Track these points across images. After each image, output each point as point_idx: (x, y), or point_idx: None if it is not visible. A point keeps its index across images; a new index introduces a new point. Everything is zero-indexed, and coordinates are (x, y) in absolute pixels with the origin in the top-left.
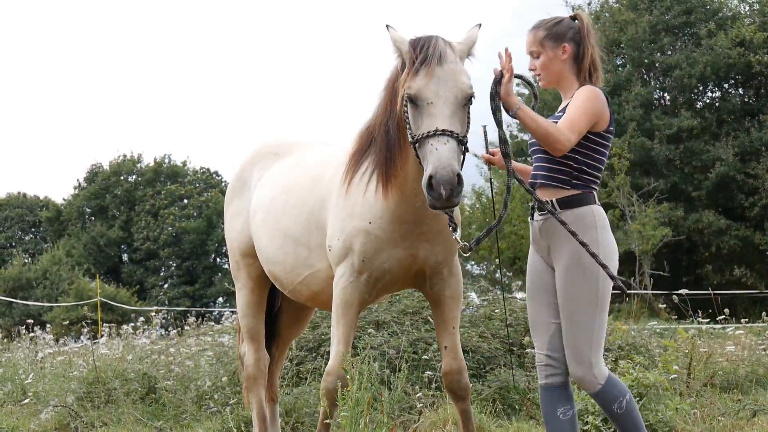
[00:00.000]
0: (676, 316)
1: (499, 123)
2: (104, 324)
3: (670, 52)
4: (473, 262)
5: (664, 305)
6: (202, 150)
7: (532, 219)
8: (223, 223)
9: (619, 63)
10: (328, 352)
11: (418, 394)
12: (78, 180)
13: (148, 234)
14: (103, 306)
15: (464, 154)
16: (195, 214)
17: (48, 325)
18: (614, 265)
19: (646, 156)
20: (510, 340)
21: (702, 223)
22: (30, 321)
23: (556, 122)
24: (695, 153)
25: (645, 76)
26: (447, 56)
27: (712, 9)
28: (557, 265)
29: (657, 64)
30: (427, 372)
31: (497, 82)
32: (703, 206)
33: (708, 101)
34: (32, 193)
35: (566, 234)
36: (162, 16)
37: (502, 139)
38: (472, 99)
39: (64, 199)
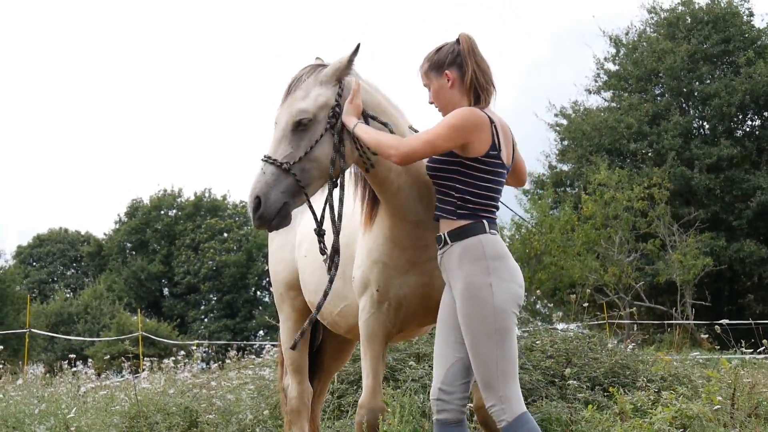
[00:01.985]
0: (718, 347)
1: (335, 146)
2: (145, 358)
3: (708, 81)
4: None
5: (707, 335)
6: (241, 183)
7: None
8: (263, 256)
9: (657, 92)
10: None
11: None
12: (119, 215)
13: (188, 268)
14: (144, 340)
15: (295, 175)
16: (235, 247)
17: (90, 360)
18: (510, 295)
19: (686, 185)
20: (551, 372)
21: (743, 252)
22: (72, 356)
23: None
24: (735, 182)
25: (684, 105)
26: (301, 85)
27: (751, 37)
28: (456, 299)
29: (696, 93)
30: (469, 404)
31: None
32: (744, 235)
33: (747, 129)
34: (73, 228)
35: (457, 267)
36: (205, 52)
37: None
38: (303, 122)
39: (105, 234)
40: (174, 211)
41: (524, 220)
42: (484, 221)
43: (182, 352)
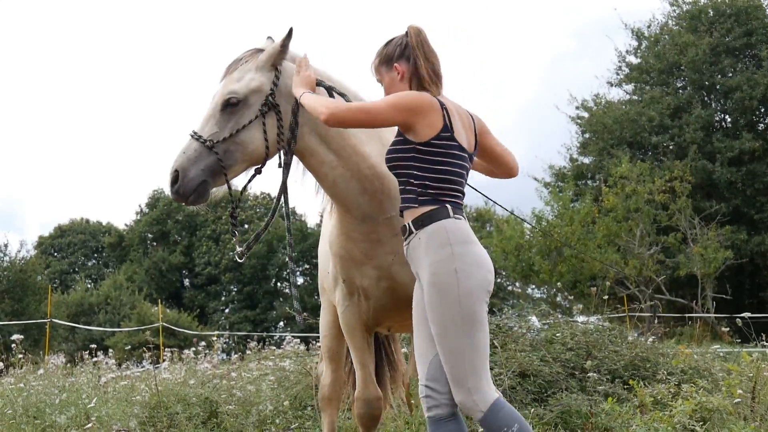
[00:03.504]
0: (739, 340)
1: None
2: (166, 349)
3: (730, 74)
4: (534, 286)
5: (727, 328)
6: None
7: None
8: (283, 248)
9: (679, 85)
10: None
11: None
12: (140, 206)
13: (209, 259)
14: (164, 331)
15: (218, 154)
16: None
17: (110, 350)
18: (478, 281)
19: (707, 179)
20: (572, 364)
21: (765, 245)
22: (93, 346)
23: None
24: (757, 175)
25: (705, 98)
26: (240, 66)
27: None
28: (423, 289)
29: (717, 87)
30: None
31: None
32: (765, 228)
33: None
34: (95, 219)
35: (422, 257)
36: (222, 46)
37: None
38: (232, 102)
39: (126, 225)
40: None
41: (507, 210)
42: (448, 206)
43: (203, 343)
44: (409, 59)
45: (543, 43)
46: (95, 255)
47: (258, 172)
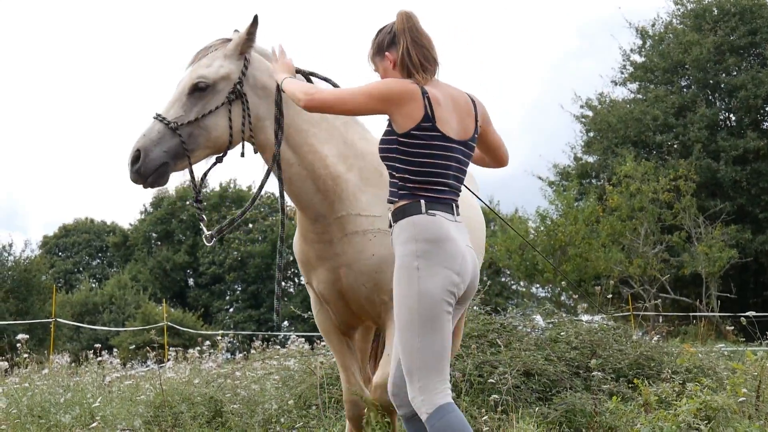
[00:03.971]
0: (743, 339)
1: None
2: (170, 348)
3: (735, 73)
4: (538, 285)
5: (732, 327)
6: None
7: None
8: (288, 247)
9: (683, 84)
10: None
11: (484, 418)
12: (144, 205)
13: (213, 258)
14: (169, 330)
15: (182, 137)
16: (260, 238)
17: (115, 350)
18: (440, 282)
19: (712, 178)
20: (576, 363)
21: None
22: (97, 345)
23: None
24: (762, 174)
25: (710, 97)
26: (209, 53)
27: None
28: None
29: (722, 85)
30: (493, 396)
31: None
32: None
33: None
34: (99, 218)
35: (395, 250)
36: None
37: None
38: (200, 87)
39: (130, 224)
40: None
41: (493, 211)
42: (422, 201)
43: (207, 342)
44: (398, 45)
45: (547, 42)
46: (100, 254)
47: (219, 160)
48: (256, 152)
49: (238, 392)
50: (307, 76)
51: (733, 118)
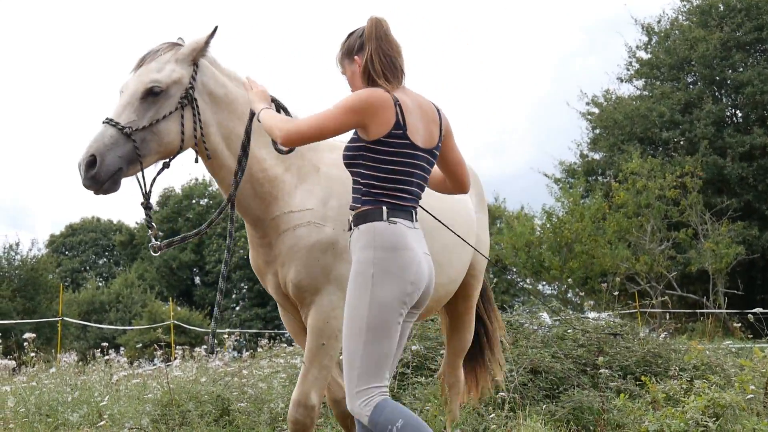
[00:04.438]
0: (751, 335)
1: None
2: (177, 346)
3: (741, 69)
4: (545, 282)
5: (739, 324)
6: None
7: None
8: None
9: (690, 81)
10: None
11: (491, 416)
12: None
13: (219, 257)
14: (176, 328)
15: (135, 142)
16: None
17: (122, 348)
18: (393, 291)
19: (718, 174)
20: (583, 361)
21: None
22: (104, 344)
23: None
24: None
25: (716, 93)
26: (157, 58)
27: None
28: None
29: (728, 81)
30: (501, 393)
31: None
32: None
33: None
34: (105, 217)
35: (352, 254)
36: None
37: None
38: (154, 91)
39: (136, 223)
40: (205, 200)
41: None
42: (384, 207)
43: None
44: (364, 51)
45: (553, 40)
46: (106, 253)
47: (166, 165)
48: (197, 161)
49: (245, 390)
50: (277, 105)
51: (740, 115)
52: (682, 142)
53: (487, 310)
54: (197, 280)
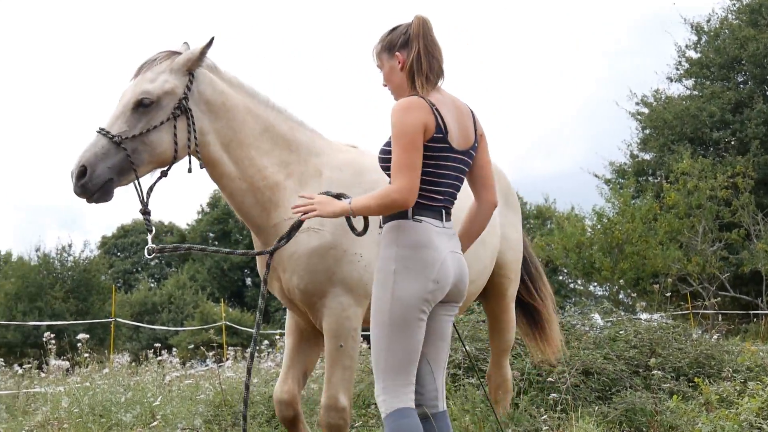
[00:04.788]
0: None
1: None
2: (229, 347)
3: None
4: (595, 283)
5: None
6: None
7: None
8: None
9: (740, 80)
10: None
11: (543, 417)
12: (201, 205)
13: None
14: (227, 329)
15: (127, 151)
16: None
17: (174, 349)
18: (414, 289)
19: None
20: (635, 362)
21: None
22: (157, 345)
23: (386, 165)
24: None
25: (767, 92)
26: (153, 67)
27: None
28: None
29: None
30: (553, 394)
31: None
32: None
33: None
34: (157, 218)
35: (380, 251)
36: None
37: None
38: (145, 103)
39: (187, 224)
40: None
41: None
42: (410, 208)
43: (266, 342)
44: (410, 49)
45: (600, 39)
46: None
47: (164, 174)
48: (202, 167)
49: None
50: (337, 196)
51: None
52: (732, 142)
53: (536, 289)
54: (248, 281)
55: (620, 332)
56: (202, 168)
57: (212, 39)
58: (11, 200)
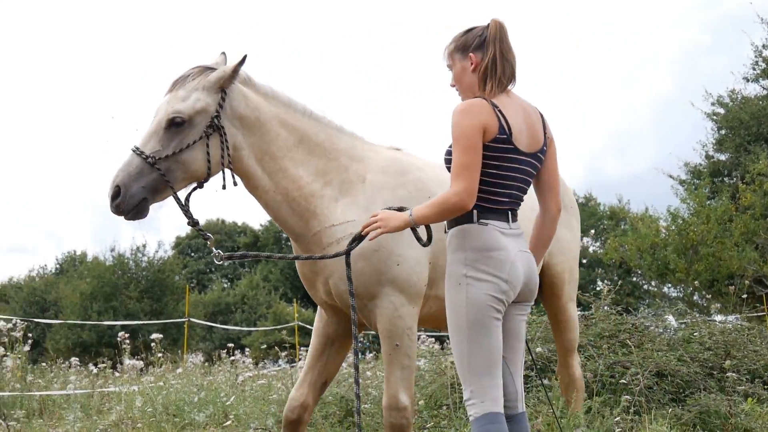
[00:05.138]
0: None
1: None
2: (302, 347)
3: None
4: (670, 285)
5: None
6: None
7: None
8: None
9: None
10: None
11: (616, 419)
12: None
13: None
14: (300, 330)
15: (161, 170)
16: None
17: (247, 349)
18: (487, 290)
19: None
20: (710, 364)
21: None
22: (230, 345)
23: (448, 166)
24: None
25: None
26: (186, 84)
27: None
28: None
29: None
30: (626, 396)
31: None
32: None
33: None
34: (230, 219)
35: (447, 257)
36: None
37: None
38: (177, 122)
39: (261, 225)
40: None
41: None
42: (475, 210)
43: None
44: (485, 51)
45: (674, 39)
46: None
47: (199, 186)
48: (235, 184)
49: (369, 392)
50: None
51: None
52: None
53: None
54: None
55: (694, 334)
56: (235, 185)
57: (245, 56)
58: (88, 201)
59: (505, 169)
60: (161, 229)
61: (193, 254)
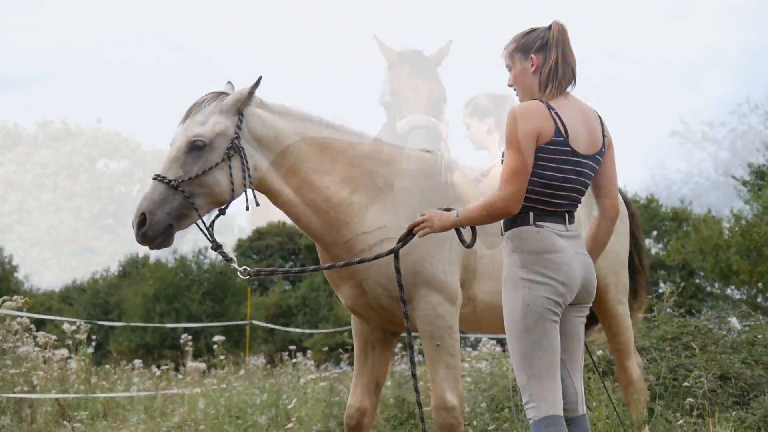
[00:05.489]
0: None
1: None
2: None
3: None
4: (733, 287)
5: None
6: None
7: None
8: None
9: None
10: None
11: (679, 422)
12: None
13: None
14: None
15: (185, 193)
16: None
17: (309, 351)
18: (543, 293)
19: None
20: None
21: None
22: (292, 347)
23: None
24: None
25: None
26: (201, 110)
27: None
28: None
29: None
30: (689, 399)
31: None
32: None
33: None
34: (291, 222)
35: (503, 260)
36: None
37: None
38: (198, 145)
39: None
40: None
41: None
42: (530, 213)
43: (399, 345)
44: (546, 53)
45: (741, 39)
46: (292, 257)
47: (222, 212)
48: (258, 205)
49: (430, 394)
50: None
51: None
52: None
53: None
54: None
55: (758, 336)
56: (258, 205)
57: (260, 78)
58: None
59: (562, 171)
60: (223, 232)
61: (254, 256)
